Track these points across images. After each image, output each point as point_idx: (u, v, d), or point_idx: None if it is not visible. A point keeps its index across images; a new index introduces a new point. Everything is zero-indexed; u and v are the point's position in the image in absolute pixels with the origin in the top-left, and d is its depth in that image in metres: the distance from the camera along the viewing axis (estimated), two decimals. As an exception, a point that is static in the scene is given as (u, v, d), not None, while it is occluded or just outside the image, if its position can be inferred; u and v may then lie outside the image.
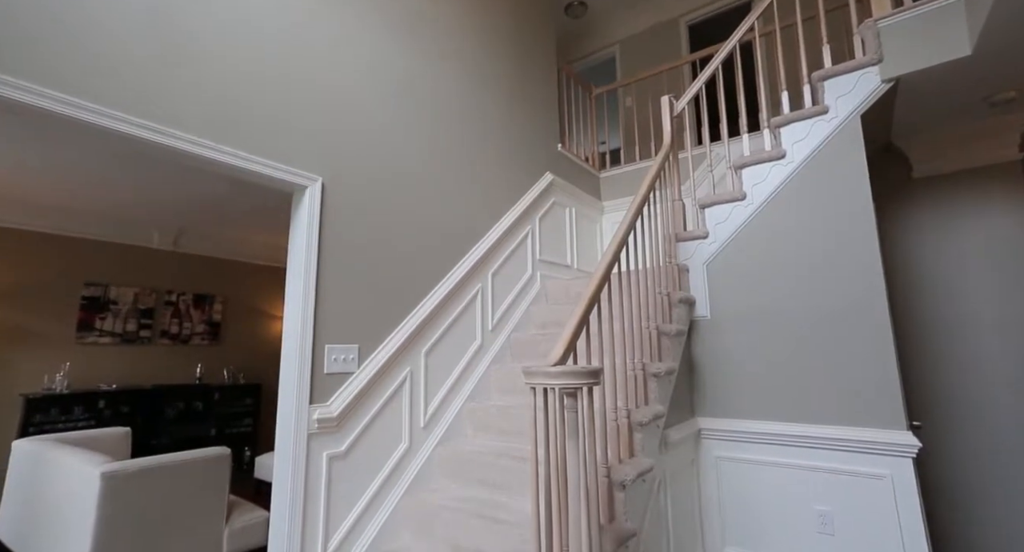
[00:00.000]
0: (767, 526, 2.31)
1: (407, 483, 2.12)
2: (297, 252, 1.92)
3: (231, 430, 4.74)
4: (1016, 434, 2.48)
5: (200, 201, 4.06)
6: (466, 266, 2.65)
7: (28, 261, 3.94)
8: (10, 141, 2.89)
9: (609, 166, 4.35)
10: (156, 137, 1.52)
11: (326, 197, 2.01)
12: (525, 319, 3.02)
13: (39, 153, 3.06)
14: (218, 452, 2.46)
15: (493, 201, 3.00)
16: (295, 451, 1.76)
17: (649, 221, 2.45)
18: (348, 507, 1.90)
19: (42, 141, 2.90)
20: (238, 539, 2.47)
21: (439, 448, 2.28)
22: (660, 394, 2.16)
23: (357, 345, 2.03)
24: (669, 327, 2.35)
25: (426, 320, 2.34)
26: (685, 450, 2.40)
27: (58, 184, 3.59)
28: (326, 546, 1.80)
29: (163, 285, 4.67)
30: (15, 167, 3.26)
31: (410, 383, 2.22)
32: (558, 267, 3.49)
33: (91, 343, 4.16)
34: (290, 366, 1.83)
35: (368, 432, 2.01)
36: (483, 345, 2.69)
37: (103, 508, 2.07)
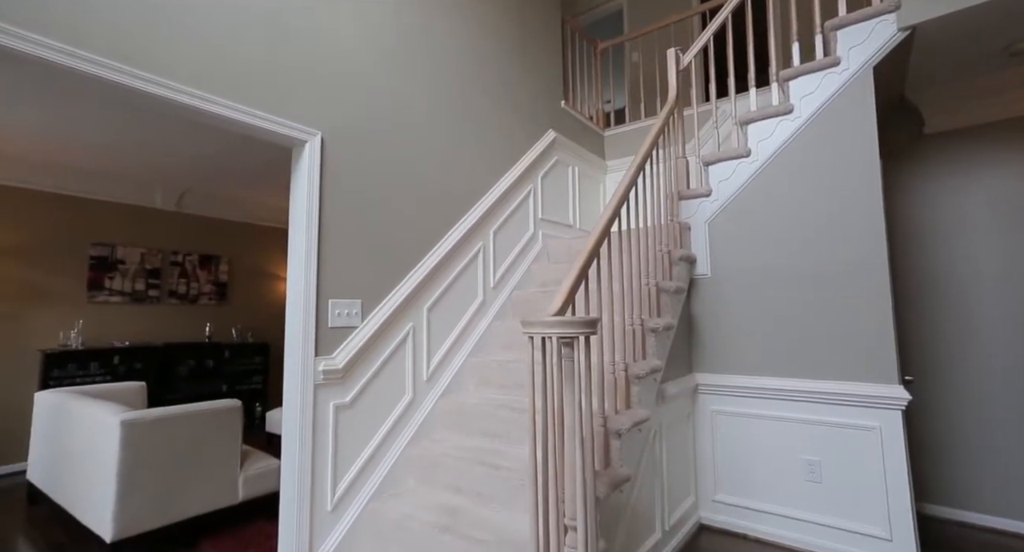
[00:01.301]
0: (757, 474, 2.41)
1: (411, 433, 2.21)
2: (299, 207, 1.92)
3: (241, 387, 4.89)
4: (1005, 391, 2.52)
5: (201, 162, 4.03)
6: (467, 224, 2.65)
7: (36, 220, 3.96)
8: (15, 97, 2.85)
9: (614, 125, 4.25)
10: (149, 87, 1.50)
11: (326, 152, 2.00)
12: (526, 278, 3.05)
13: (43, 110, 3.02)
14: (229, 404, 2.55)
15: (495, 158, 2.96)
16: (302, 401, 1.82)
17: (652, 178, 2.42)
18: (355, 454, 1.99)
19: (44, 96, 2.85)
20: (252, 485, 2.61)
21: (442, 400, 2.35)
22: (658, 349, 2.20)
23: (360, 300, 2.07)
24: (669, 284, 2.37)
25: (428, 276, 2.37)
26: (682, 404, 2.47)
27: (61, 143, 3.56)
28: (334, 490, 1.90)
29: (169, 245, 4.71)
30: (20, 125, 3.23)
31: (413, 338, 2.28)
32: (560, 226, 3.48)
33: (102, 302, 4.24)
34: (295, 319, 1.87)
35: (373, 384, 2.08)
36: (485, 302, 2.72)
37: (124, 454, 2.18)
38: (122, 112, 3.04)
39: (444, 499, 1.98)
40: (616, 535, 1.75)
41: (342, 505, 1.91)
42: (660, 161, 2.55)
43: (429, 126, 2.52)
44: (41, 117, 3.10)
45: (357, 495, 1.97)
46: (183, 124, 3.25)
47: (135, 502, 2.20)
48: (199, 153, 3.83)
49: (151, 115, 3.10)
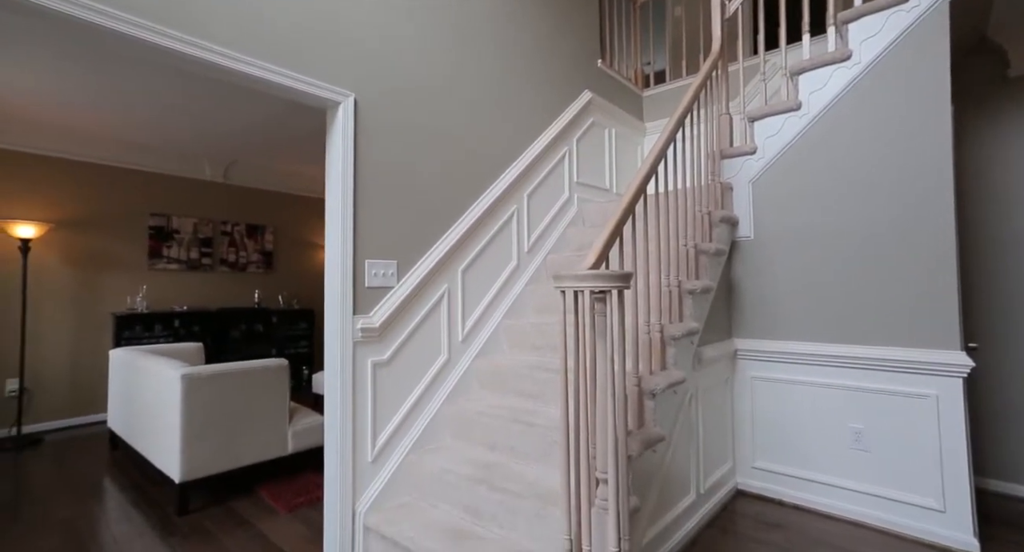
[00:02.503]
0: (798, 442, 2.34)
1: (447, 392, 2.27)
2: (334, 168, 1.95)
3: (289, 351, 5.15)
4: (1086, 360, 2.32)
5: (246, 135, 4.15)
6: (501, 186, 2.62)
7: (102, 193, 4.23)
8: (79, 70, 3.00)
9: (653, 84, 4.05)
10: (187, 49, 1.53)
11: (359, 113, 2.00)
12: (562, 242, 3.01)
13: (103, 85, 3.17)
14: (277, 363, 2.70)
15: (529, 120, 2.89)
16: (342, 357, 1.90)
17: (692, 137, 2.30)
18: (393, 410, 2.06)
19: (103, 69, 2.99)
20: (300, 438, 2.77)
21: (477, 361, 2.39)
22: (695, 312, 2.14)
23: (395, 261, 2.10)
24: (708, 246, 2.28)
25: (462, 239, 2.37)
26: (720, 369, 2.41)
27: (120, 119, 3.75)
28: (374, 442, 1.98)
29: (218, 215, 4.94)
30: (84, 102, 3.41)
31: (448, 299, 2.31)
32: (596, 190, 3.40)
33: (161, 269, 4.53)
34: (333, 279, 1.93)
35: (409, 343, 2.13)
36: (519, 266, 2.72)
37: (186, 405, 2.35)
38: (172, 86, 3.15)
39: (479, 455, 2.04)
40: (649, 494, 1.76)
41: (382, 457, 2.00)
42: (702, 119, 2.41)
43: (461, 87, 2.47)
44: (103, 93, 3.26)
45: (396, 448, 2.05)
46: (228, 95, 3.34)
47: (198, 448, 2.38)
48: (244, 126, 3.94)
49: (198, 87, 3.19)
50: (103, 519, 2.37)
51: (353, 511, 1.89)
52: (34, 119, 3.75)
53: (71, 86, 3.18)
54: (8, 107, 3.51)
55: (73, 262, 4.10)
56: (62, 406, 4.02)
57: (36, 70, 2.96)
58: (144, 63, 2.83)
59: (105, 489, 2.73)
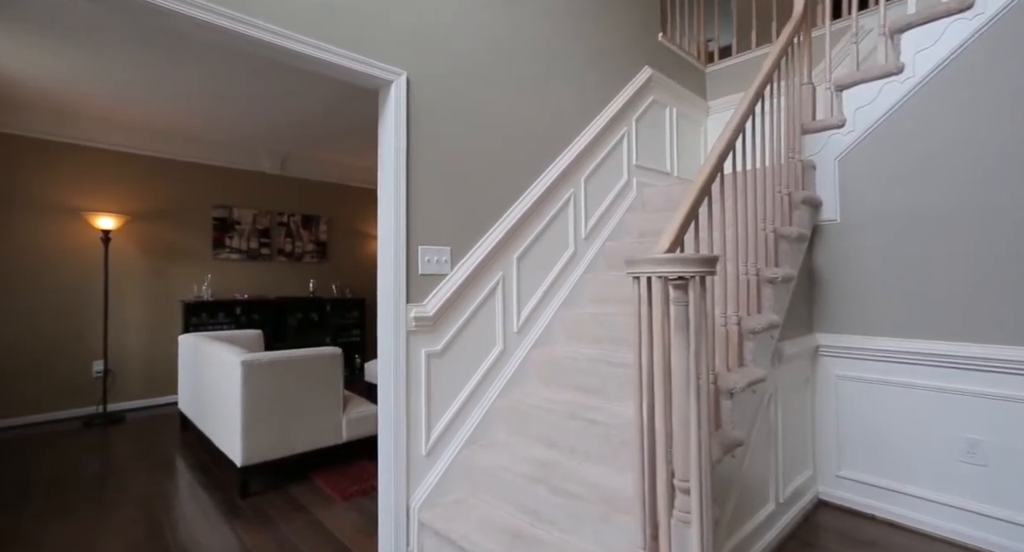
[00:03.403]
0: (893, 450, 2.08)
1: (502, 384, 2.17)
2: (387, 151, 1.88)
3: (342, 339, 5.26)
4: None
5: (302, 127, 4.23)
6: (557, 169, 2.48)
7: (172, 186, 4.45)
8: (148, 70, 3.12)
9: (718, 59, 3.76)
10: (239, 27, 1.49)
11: (412, 93, 1.92)
12: (620, 228, 2.84)
13: (170, 81, 3.29)
14: (331, 351, 2.70)
15: (586, 98, 2.73)
16: (396, 347, 1.84)
17: (769, 111, 2.06)
18: (447, 402, 1.99)
19: (171, 66, 3.09)
20: (354, 427, 2.77)
21: (532, 353, 2.29)
22: (775, 303, 1.93)
23: (449, 247, 2.02)
24: (789, 230, 2.05)
25: (517, 225, 2.26)
26: (799, 366, 2.18)
27: (185, 115, 3.90)
28: (428, 436, 1.92)
29: (275, 207, 5.08)
30: (157, 99, 3.56)
31: (503, 287, 2.20)
32: (656, 174, 3.19)
33: (224, 259, 4.72)
34: (387, 266, 1.87)
35: (463, 333, 2.05)
36: (576, 253, 2.58)
37: (245, 390, 2.39)
38: (235, 84, 3.21)
39: (537, 452, 1.94)
40: (727, 503, 1.59)
41: (436, 450, 1.93)
42: (781, 91, 2.16)
43: (514, 64, 2.34)
44: (172, 90, 3.38)
45: (450, 442, 1.98)
46: (284, 88, 3.37)
47: (258, 434, 2.43)
48: (299, 119, 4.00)
49: (258, 83, 3.24)
50: (175, 497, 2.46)
51: (407, 505, 1.84)
52: (111, 117, 3.96)
53: (144, 84, 3.31)
54: (89, 106, 3.71)
55: (147, 252, 4.34)
56: (140, 387, 4.28)
57: (116, 69, 3.09)
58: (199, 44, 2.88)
59: (176, 468, 2.85)
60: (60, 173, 3.95)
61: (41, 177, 3.87)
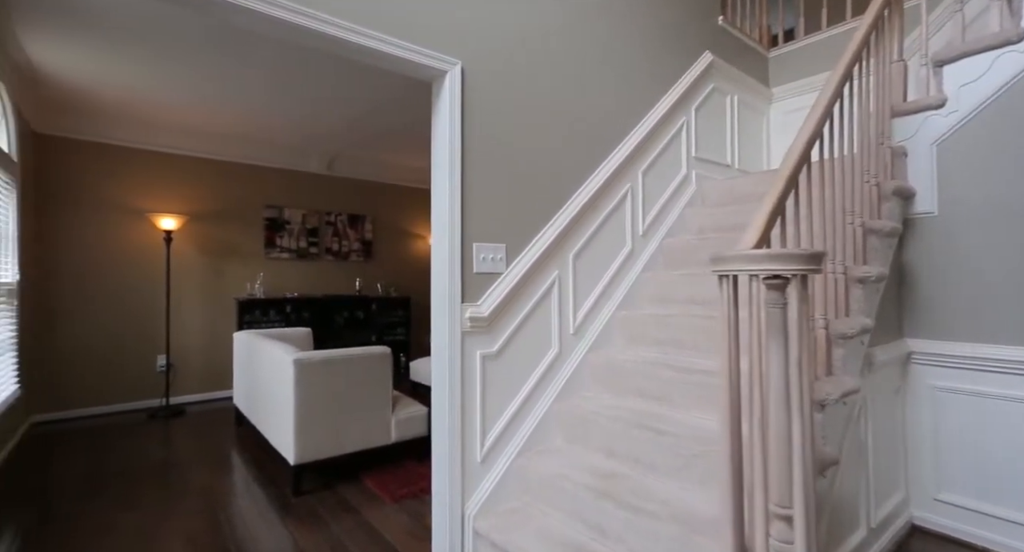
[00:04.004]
0: (1003, 473, 1.84)
1: (558, 388, 2.07)
2: (440, 145, 1.81)
3: (387, 338, 5.30)
4: None
5: (349, 127, 4.26)
6: (614, 163, 2.35)
7: (226, 187, 4.60)
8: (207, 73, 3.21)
9: (781, 43, 3.50)
10: (295, 18, 1.45)
11: (466, 83, 1.84)
12: (679, 224, 2.68)
13: (226, 83, 3.37)
14: (381, 350, 2.68)
15: (643, 87, 2.58)
16: (450, 348, 1.77)
17: (856, 91, 1.86)
18: (502, 407, 1.90)
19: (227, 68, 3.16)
20: (403, 427, 2.74)
21: (589, 356, 2.17)
22: (865, 304, 1.73)
23: (504, 245, 1.93)
24: (880, 224, 1.84)
25: (573, 221, 2.15)
26: (889, 375, 1.96)
27: (238, 117, 4.00)
28: (483, 442, 1.84)
29: (323, 207, 5.17)
30: (213, 102, 3.67)
31: (558, 287, 2.10)
32: (716, 166, 3.00)
33: (275, 257, 4.84)
34: (441, 264, 1.80)
35: (518, 335, 1.96)
36: (633, 251, 2.44)
37: (297, 389, 2.39)
38: (289, 86, 3.25)
39: (597, 462, 1.82)
40: (818, 529, 1.43)
41: (491, 457, 1.85)
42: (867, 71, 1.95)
43: (569, 52, 2.23)
44: (227, 92, 3.47)
45: (505, 448, 1.90)
46: (334, 86, 3.39)
47: (309, 433, 2.42)
48: (348, 119, 4.04)
49: (310, 84, 3.27)
50: (231, 491, 2.50)
51: (462, 513, 1.77)
52: (175, 122, 4.11)
53: (209, 90, 3.41)
54: (156, 113, 3.87)
55: (204, 251, 4.49)
56: (198, 382, 4.44)
57: (182, 77, 3.19)
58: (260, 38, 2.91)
59: (232, 462, 2.91)
60: (127, 176, 4.14)
61: (109, 180, 4.06)
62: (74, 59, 3.01)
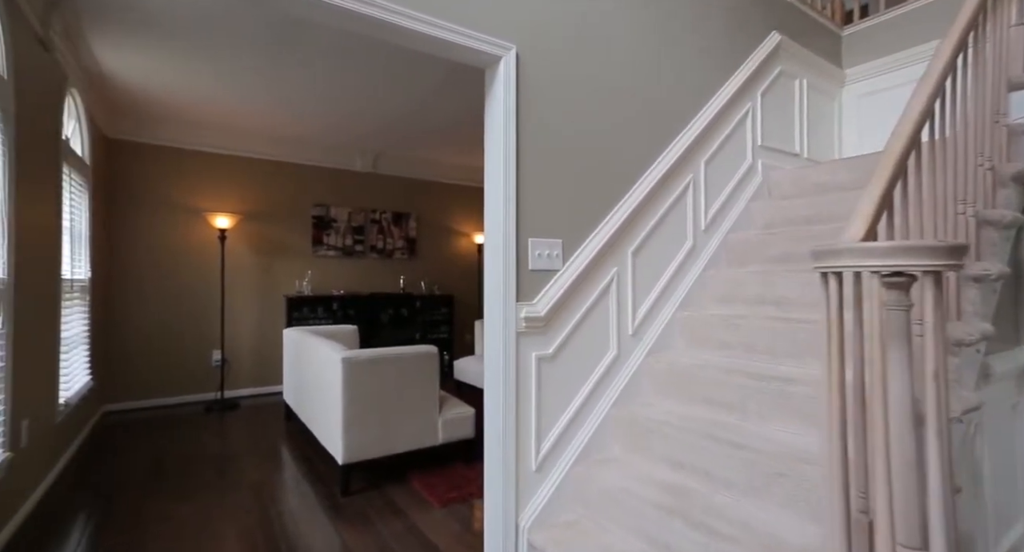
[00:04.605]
0: None
1: (616, 394, 1.93)
2: (494, 135, 1.72)
3: (431, 336, 5.28)
4: None
5: (393, 125, 4.26)
6: (675, 153, 2.19)
7: (276, 186, 4.71)
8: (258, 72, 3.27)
9: (857, 19, 3.21)
10: (349, 4, 1.39)
11: (520, 69, 1.74)
12: (744, 218, 2.48)
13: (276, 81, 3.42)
14: (428, 349, 2.62)
15: (705, 70, 2.40)
16: (505, 349, 1.67)
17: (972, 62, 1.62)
18: (558, 412, 1.79)
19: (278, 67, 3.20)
20: (450, 429, 2.67)
21: (649, 359, 2.02)
22: (981, 307, 1.50)
23: (560, 240, 1.81)
24: (998, 214, 1.60)
25: (632, 214, 2.01)
26: (1005, 389, 1.72)
27: (287, 117, 4.07)
28: (539, 448, 1.73)
29: (368, 205, 5.22)
30: (259, 101, 3.75)
31: (617, 285, 1.96)
32: (783, 156, 2.76)
33: (322, 255, 4.92)
34: (495, 260, 1.70)
35: (575, 336, 1.84)
36: (695, 247, 2.27)
37: (346, 387, 2.36)
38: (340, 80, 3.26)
39: (662, 474, 1.68)
40: (933, 564, 1.23)
41: (546, 465, 1.74)
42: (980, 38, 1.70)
43: (626, 36, 2.08)
44: (276, 92, 3.52)
45: (561, 456, 1.78)
46: (391, 80, 3.38)
47: (358, 432, 2.39)
48: (396, 116, 4.03)
49: (367, 77, 3.27)
50: (282, 487, 2.51)
51: (516, 524, 1.67)
52: (230, 125, 4.24)
53: (264, 91, 3.48)
54: (206, 114, 3.99)
55: (256, 249, 4.61)
56: (250, 376, 4.57)
57: (231, 75, 3.26)
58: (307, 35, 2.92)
59: (283, 458, 2.94)
60: (185, 176, 4.29)
61: (169, 180, 4.23)
62: (137, 64, 3.12)
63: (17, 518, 2.10)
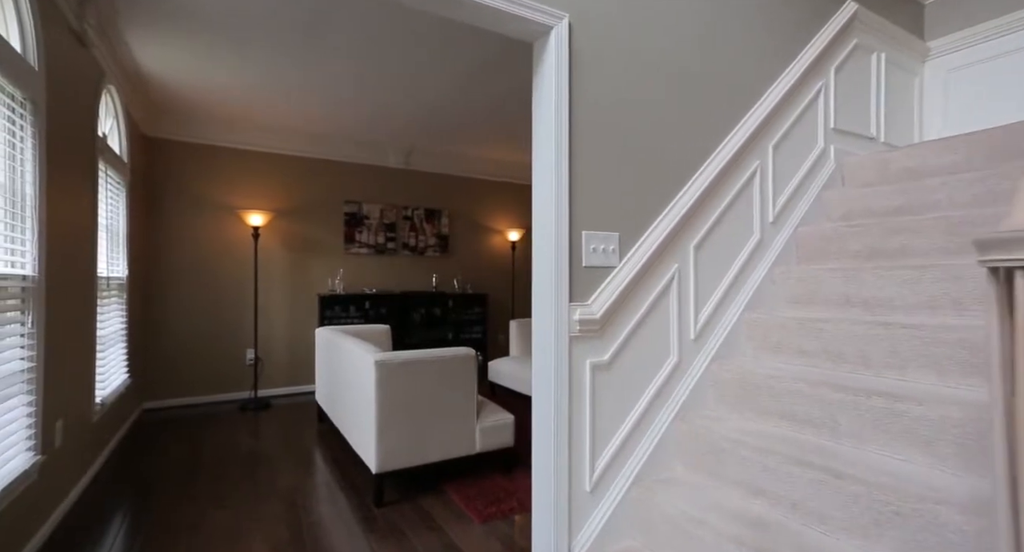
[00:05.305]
0: None
1: (676, 406, 1.73)
2: (544, 115, 1.53)
3: (464, 336, 5.15)
4: None
5: (426, 119, 4.14)
6: (741, 136, 1.96)
7: (308, 183, 4.66)
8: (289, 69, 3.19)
9: (939, -14, 2.87)
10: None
11: (573, 41, 1.55)
12: (816, 209, 2.22)
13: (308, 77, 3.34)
14: (465, 352, 2.46)
15: (773, 46, 2.15)
16: (556, 355, 1.49)
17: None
18: (614, 426, 1.60)
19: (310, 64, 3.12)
20: (488, 437, 2.51)
21: (713, 367, 1.80)
22: None
23: (617, 233, 1.62)
24: None
25: (695, 205, 1.79)
26: None
27: (319, 113, 4.00)
28: (593, 468, 1.54)
29: (400, 201, 5.12)
30: (292, 97, 3.68)
31: (678, 284, 1.75)
32: (857, 139, 2.48)
33: (354, 253, 4.85)
34: (544, 256, 1.52)
35: (632, 341, 1.64)
36: (762, 242, 2.03)
37: (380, 391, 2.23)
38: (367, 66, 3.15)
39: (736, 502, 1.46)
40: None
41: (602, 486, 1.56)
42: None
43: (687, 7, 1.86)
44: (309, 87, 3.44)
45: (617, 476, 1.59)
46: (416, 69, 3.24)
47: (392, 439, 2.26)
48: (430, 108, 3.90)
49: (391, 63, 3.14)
50: (314, 494, 2.40)
51: (569, 550, 1.49)
52: (258, 120, 4.20)
53: (288, 82, 3.40)
54: (240, 111, 3.96)
55: (288, 247, 4.58)
56: (283, 375, 4.54)
57: (265, 69, 3.19)
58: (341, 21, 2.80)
59: (315, 462, 2.84)
60: (219, 174, 4.29)
61: (202, 178, 4.22)
62: (172, 59, 3.08)
63: (52, 520, 2.06)
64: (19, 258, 1.82)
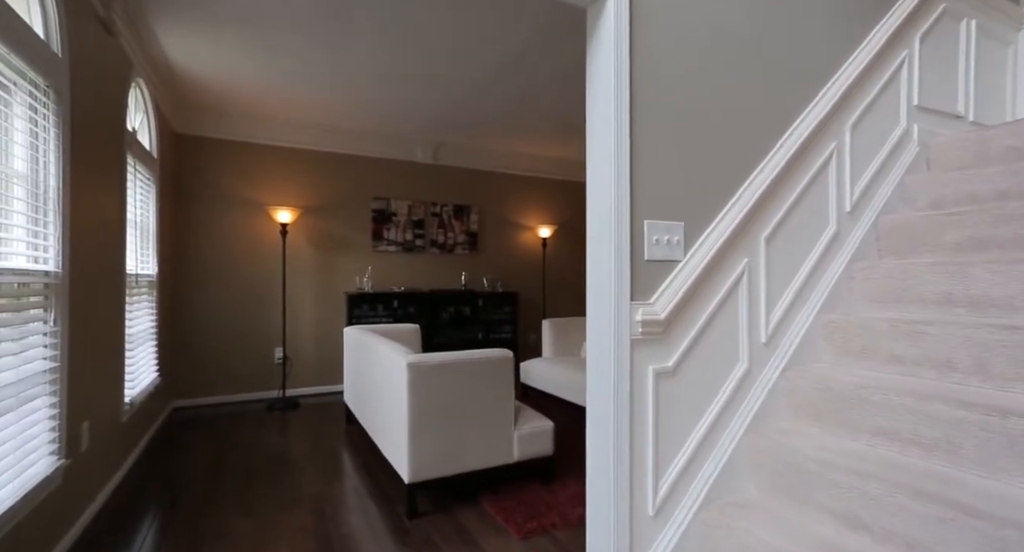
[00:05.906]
0: None
1: (747, 418, 1.52)
2: (599, 88, 1.35)
3: (494, 336, 4.99)
4: None
5: (455, 113, 4.00)
6: (816, 114, 1.73)
7: (335, 179, 4.58)
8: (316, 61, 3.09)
9: (1029, -53, 2.54)
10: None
11: (634, 3, 1.36)
12: (898, 195, 1.97)
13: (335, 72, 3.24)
14: (502, 354, 2.30)
15: (852, 12, 1.91)
16: (616, 361, 1.30)
17: None
18: (680, 441, 1.41)
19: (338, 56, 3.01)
20: (526, 445, 2.34)
21: (787, 375, 1.59)
22: None
23: (682, 223, 1.42)
24: None
25: (766, 192, 1.58)
26: None
27: (346, 108, 3.91)
28: (656, 489, 1.36)
29: (428, 197, 5.00)
30: (319, 92, 3.59)
31: (747, 280, 1.54)
32: (943, 118, 2.20)
33: (382, 251, 4.75)
34: (601, 248, 1.34)
35: (698, 344, 1.45)
36: (839, 233, 1.79)
37: (412, 396, 2.09)
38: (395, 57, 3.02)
39: (832, 535, 1.25)
40: None
41: (666, 509, 1.37)
42: None
43: (761, -37, 1.65)
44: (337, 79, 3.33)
45: (683, 498, 1.40)
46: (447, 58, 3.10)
47: (425, 447, 2.11)
48: (455, 98, 3.75)
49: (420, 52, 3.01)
50: (342, 504, 2.28)
51: (630, 585, 1.31)
52: (286, 115, 4.13)
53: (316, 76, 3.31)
54: (268, 106, 3.89)
55: (316, 244, 4.51)
56: (311, 375, 4.47)
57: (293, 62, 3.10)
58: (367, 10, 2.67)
59: (344, 467, 2.73)
60: (247, 170, 4.24)
61: (231, 174, 4.18)
62: (200, 52, 3.01)
63: (79, 526, 1.99)
64: (42, 253, 1.74)
